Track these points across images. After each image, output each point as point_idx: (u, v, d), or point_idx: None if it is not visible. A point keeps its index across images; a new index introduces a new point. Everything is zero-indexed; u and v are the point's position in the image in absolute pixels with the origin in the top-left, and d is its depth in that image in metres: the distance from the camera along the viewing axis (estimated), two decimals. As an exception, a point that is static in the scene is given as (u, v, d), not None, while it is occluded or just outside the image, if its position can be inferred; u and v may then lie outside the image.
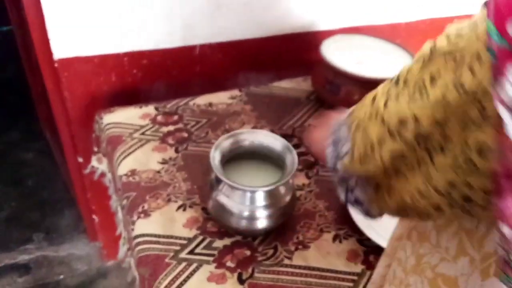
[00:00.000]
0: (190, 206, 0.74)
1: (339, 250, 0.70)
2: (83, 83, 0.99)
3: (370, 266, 0.68)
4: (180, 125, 0.91)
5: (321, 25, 1.16)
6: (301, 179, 0.81)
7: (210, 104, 0.98)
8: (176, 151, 0.85)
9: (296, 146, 0.88)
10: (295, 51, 1.16)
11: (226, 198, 0.67)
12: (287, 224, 0.72)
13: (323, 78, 0.96)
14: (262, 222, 0.68)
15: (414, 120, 0.34)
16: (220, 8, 1.01)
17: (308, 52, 1.16)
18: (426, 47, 0.35)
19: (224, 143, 0.70)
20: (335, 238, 0.71)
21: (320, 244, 0.70)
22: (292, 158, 0.69)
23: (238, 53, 1.10)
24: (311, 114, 0.98)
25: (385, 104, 0.37)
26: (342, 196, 0.49)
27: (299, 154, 0.86)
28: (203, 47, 1.06)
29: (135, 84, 1.04)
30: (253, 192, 0.67)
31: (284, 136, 0.89)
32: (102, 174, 1.01)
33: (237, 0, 1.02)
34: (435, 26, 1.29)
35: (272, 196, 0.68)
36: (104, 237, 1.33)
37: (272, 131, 0.91)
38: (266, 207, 0.67)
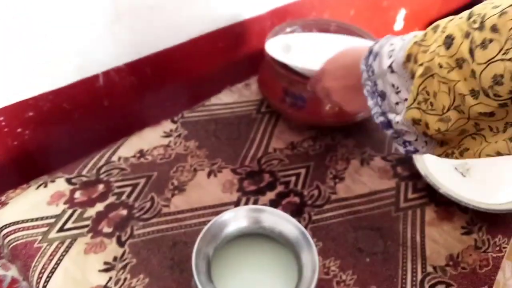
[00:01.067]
0: None
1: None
2: None
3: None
4: (111, 199, 0.66)
5: (245, 13, 0.93)
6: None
7: (141, 153, 0.73)
8: (120, 243, 0.60)
9: (270, 186, 0.69)
10: (225, 51, 0.93)
11: None
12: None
13: (278, 89, 0.76)
14: None
15: (511, 76, 0.32)
16: (120, 19, 0.73)
17: (240, 49, 0.94)
18: None
19: (203, 245, 0.48)
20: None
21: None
22: (312, 257, 0.47)
23: (155, 70, 0.84)
24: (272, 132, 0.79)
25: (471, 53, 0.35)
26: (399, 148, 0.50)
27: (279, 195, 0.68)
28: (107, 74, 0.78)
29: (26, 148, 0.74)
30: None
31: (252, 174, 0.71)
32: (14, 281, 0.72)
33: (140, 4, 0.74)
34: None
35: None
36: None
37: (234, 171, 0.71)
38: None
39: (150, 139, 0.75)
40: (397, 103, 0.46)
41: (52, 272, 0.56)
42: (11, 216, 0.62)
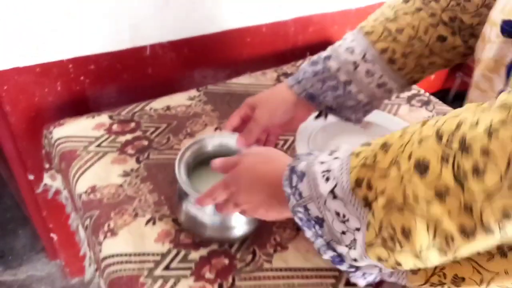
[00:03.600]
0: (160, 219, 0.70)
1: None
2: (26, 95, 0.91)
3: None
4: (138, 133, 0.86)
5: (271, 18, 1.13)
6: (271, 178, 0.79)
7: (168, 108, 0.93)
8: (138, 161, 0.80)
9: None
10: (250, 45, 1.13)
11: (197, 209, 0.64)
12: (262, 226, 0.70)
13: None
14: (238, 230, 0.65)
15: None
16: (168, 4, 0.96)
17: (263, 46, 1.13)
18: None
19: (187, 153, 0.67)
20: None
21: (298, 243, 0.69)
22: None
23: (191, 50, 1.05)
24: (273, 109, 0.96)
25: (459, 182, 0.29)
26: (357, 281, 0.44)
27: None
28: (153, 47, 1.00)
29: (84, 92, 0.97)
30: None
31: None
32: (57, 192, 0.94)
33: (186, -5, 0.97)
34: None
35: None
36: (65, 254, 1.25)
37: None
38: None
39: (177, 100, 0.96)
40: (343, 232, 0.40)
41: (85, 171, 0.77)
42: (64, 132, 0.84)
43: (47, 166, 0.93)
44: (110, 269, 0.64)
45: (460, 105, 0.36)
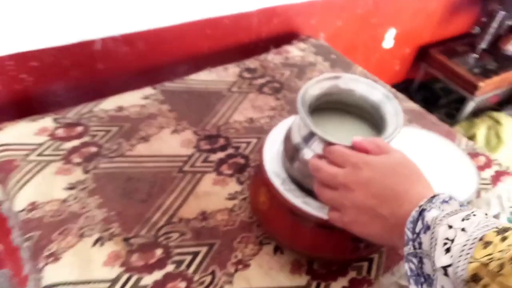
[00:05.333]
0: (109, 239, 0.63)
1: (281, 263, 0.65)
2: (-43, 96, 0.81)
3: (315, 275, 0.63)
4: (86, 138, 0.78)
5: (234, 9, 1.06)
6: (232, 186, 0.74)
7: (120, 108, 0.86)
8: (85, 171, 0.72)
9: (223, 148, 0.80)
10: (211, 38, 1.06)
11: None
12: (222, 243, 0.65)
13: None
14: None
15: None
16: (119, -5, 0.87)
17: (226, 38, 1.06)
18: None
19: (309, 92, 0.56)
20: (275, 250, 0.66)
21: (261, 259, 0.65)
22: (394, 107, 0.56)
23: (146, 44, 0.97)
24: (235, 108, 0.90)
25: None
26: None
27: (228, 156, 0.79)
28: (104, 41, 0.91)
29: (27, 93, 0.87)
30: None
31: (209, 136, 0.82)
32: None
33: (138, -16, 0.88)
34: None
35: None
36: (13, 263, 1.16)
37: (195, 132, 0.82)
38: None
39: (130, 99, 0.88)
40: None
41: (25, 184, 0.69)
42: (2, 139, 0.75)
43: (-16, 174, 0.84)
44: (53, 299, 0.57)
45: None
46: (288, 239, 0.61)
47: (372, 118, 0.60)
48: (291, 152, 0.59)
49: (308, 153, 0.56)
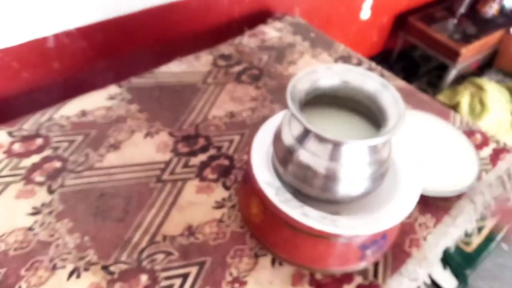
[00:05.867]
0: (86, 269, 0.56)
1: (281, 276, 0.59)
2: None
3: (319, 286, 0.58)
4: (47, 152, 0.69)
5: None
6: (219, 193, 0.67)
7: (84, 113, 0.76)
8: (50, 191, 0.64)
9: (203, 149, 0.73)
10: (179, 24, 0.96)
11: (312, 156, 0.48)
12: (214, 260, 0.59)
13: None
14: (361, 185, 0.50)
15: None
16: (69, -17, 0.76)
17: (195, 23, 0.97)
18: None
19: (298, 87, 0.50)
20: (273, 261, 0.60)
21: (259, 274, 0.59)
22: (392, 96, 0.50)
23: (106, 36, 0.87)
24: (213, 102, 0.82)
25: None
26: None
27: (210, 158, 0.72)
28: (58, 37, 0.81)
29: (-28, 102, 0.77)
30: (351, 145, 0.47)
31: (187, 137, 0.74)
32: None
33: (90, -31, 0.78)
34: None
35: (374, 151, 0.49)
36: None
37: (171, 134, 0.74)
38: (369, 164, 0.49)
39: (94, 101, 0.79)
40: None
41: (-19, 213, 0.60)
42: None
43: None
44: None
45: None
46: (286, 253, 0.55)
47: (369, 111, 0.54)
48: (283, 154, 0.52)
49: (303, 155, 0.49)
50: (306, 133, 0.49)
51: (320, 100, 0.54)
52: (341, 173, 0.48)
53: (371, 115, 0.54)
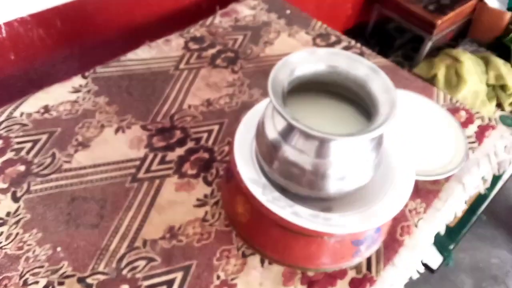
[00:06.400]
0: (60, 283, 0.51)
1: (272, 275, 0.56)
2: None
3: (312, 283, 0.55)
4: (9, 155, 0.63)
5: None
6: (200, 189, 0.63)
7: (46, 109, 0.70)
8: (15, 198, 0.58)
9: (181, 142, 0.68)
10: (144, 4, 0.89)
11: (299, 153, 0.45)
12: (200, 263, 0.55)
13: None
14: (353, 180, 0.47)
15: None
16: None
17: (163, 2, 0.90)
18: None
19: (280, 77, 0.45)
20: (262, 260, 0.57)
21: (248, 275, 0.55)
22: (382, 82, 0.46)
23: (65, 22, 0.80)
24: (187, 90, 0.77)
25: None
26: None
27: (188, 152, 0.67)
28: (10, 25, 0.73)
29: None
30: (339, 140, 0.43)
31: (162, 130, 0.69)
32: None
33: None
34: None
35: (365, 144, 0.46)
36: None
37: (144, 127, 0.69)
38: (361, 158, 0.46)
39: (57, 95, 0.72)
40: None
41: None
42: None
43: None
44: None
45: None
46: (277, 253, 0.52)
47: (358, 98, 0.50)
48: (267, 150, 0.48)
49: (289, 151, 0.45)
50: (291, 128, 0.45)
51: (305, 87, 0.50)
52: (331, 169, 0.45)
53: (360, 102, 0.50)
